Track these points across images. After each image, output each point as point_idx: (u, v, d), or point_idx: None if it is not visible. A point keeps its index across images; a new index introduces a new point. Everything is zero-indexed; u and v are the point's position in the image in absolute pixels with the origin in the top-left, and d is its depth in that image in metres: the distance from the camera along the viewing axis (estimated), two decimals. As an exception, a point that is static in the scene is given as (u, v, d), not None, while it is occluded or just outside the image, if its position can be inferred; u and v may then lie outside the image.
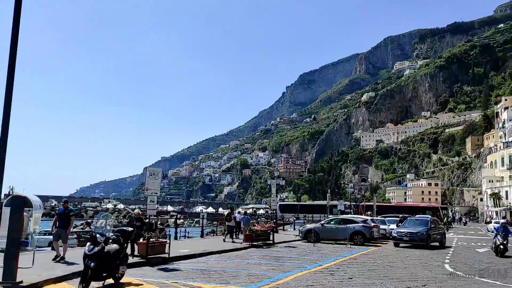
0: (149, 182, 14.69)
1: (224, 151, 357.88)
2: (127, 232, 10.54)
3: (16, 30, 8.83)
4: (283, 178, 43.25)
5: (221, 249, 17.68)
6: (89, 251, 9.17)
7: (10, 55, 8.78)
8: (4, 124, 8.53)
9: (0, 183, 8.38)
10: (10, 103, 8.65)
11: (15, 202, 9.17)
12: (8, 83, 8.68)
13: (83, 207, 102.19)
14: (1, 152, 8.42)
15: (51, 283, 9.55)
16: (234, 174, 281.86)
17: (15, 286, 8.58)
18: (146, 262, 13.14)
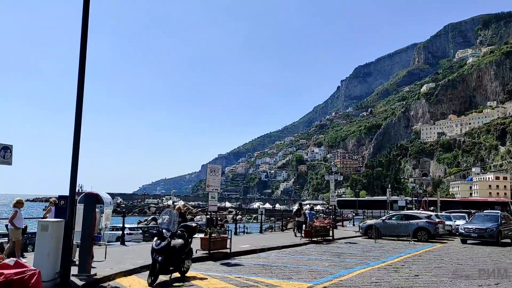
0: (209, 178, 15.02)
1: (279, 147, 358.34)
2: (192, 228, 10.85)
3: (84, 37, 9.31)
4: (340, 173, 42.63)
5: (281, 244, 17.73)
6: (156, 246, 9.54)
7: (80, 63, 9.25)
8: (76, 129, 9.03)
9: (74, 183, 8.91)
10: (81, 106, 9.15)
11: (87, 199, 9.71)
12: (79, 89, 9.18)
13: (146, 204, 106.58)
14: (74, 154, 8.93)
15: (122, 276, 10.04)
16: (290, 170, 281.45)
17: (90, 278, 9.10)
18: (209, 256, 13.46)
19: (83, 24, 9.24)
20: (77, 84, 9.15)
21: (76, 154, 8.95)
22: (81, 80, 9.17)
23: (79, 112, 9.10)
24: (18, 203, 11.55)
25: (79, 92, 9.13)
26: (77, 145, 8.98)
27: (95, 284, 8.98)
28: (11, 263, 5.41)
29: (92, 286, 8.80)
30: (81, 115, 9.12)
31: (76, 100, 9.10)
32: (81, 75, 9.17)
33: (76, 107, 9.09)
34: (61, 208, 9.31)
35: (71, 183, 8.85)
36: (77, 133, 9.01)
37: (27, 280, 5.16)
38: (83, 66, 9.20)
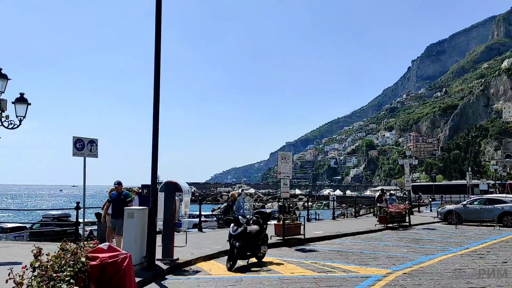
0: (281, 165, 15.11)
1: (348, 133, 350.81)
2: (266, 214, 11.02)
3: (158, 35, 9.69)
4: (415, 157, 40.75)
5: (355, 230, 17.46)
6: (233, 232, 9.82)
7: (155, 60, 9.66)
8: (154, 123, 9.46)
9: (155, 172, 9.37)
10: (158, 102, 9.56)
11: (167, 187, 10.20)
12: (156, 85, 9.59)
13: (218, 192, 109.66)
14: (154, 146, 9.38)
15: (202, 261, 10.47)
16: (360, 156, 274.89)
17: (173, 262, 9.59)
18: (283, 243, 13.61)
19: (157, 24, 9.56)
20: (154, 80, 9.54)
21: (156, 146, 9.39)
22: (157, 76, 9.56)
23: (157, 107, 9.48)
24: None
25: (155, 87, 9.52)
26: (156, 137, 9.41)
27: (178, 268, 9.45)
28: (105, 247, 5.82)
29: (175, 270, 9.27)
30: (158, 109, 9.49)
31: (154, 95, 9.50)
32: (157, 71, 9.55)
33: (154, 102, 9.48)
34: (144, 196, 9.85)
35: (152, 173, 9.31)
36: (156, 127, 9.42)
37: (120, 263, 5.53)
38: (158, 63, 9.58)
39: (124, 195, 10.93)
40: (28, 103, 11.40)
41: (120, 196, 10.87)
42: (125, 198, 10.87)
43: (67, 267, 4.30)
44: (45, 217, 23.12)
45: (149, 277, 8.24)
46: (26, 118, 11.42)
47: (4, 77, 10.94)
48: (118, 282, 5.49)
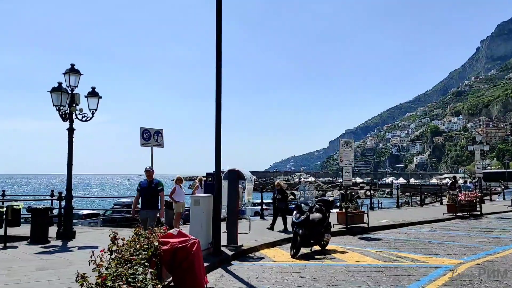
0: (342, 153, 14.87)
1: (411, 119, 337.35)
2: (329, 202, 10.91)
3: (219, 26, 9.80)
4: (486, 143, 38.33)
5: (422, 219, 16.84)
6: (296, 219, 9.83)
7: (217, 52, 9.80)
8: (217, 112, 9.63)
9: (218, 161, 9.56)
10: (220, 92, 9.70)
11: (231, 175, 10.39)
12: (217, 75, 9.73)
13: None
14: (217, 135, 9.56)
15: (266, 248, 10.59)
16: (424, 142, 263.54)
17: (238, 249, 9.78)
18: (346, 231, 13.43)
19: (217, 15, 9.66)
20: (215, 70, 9.68)
21: (219, 135, 9.56)
22: (219, 67, 9.68)
23: (219, 98, 9.61)
24: (178, 180, 12.99)
25: (217, 78, 9.66)
26: (219, 127, 9.57)
27: (243, 254, 9.64)
28: (175, 233, 6.05)
29: (240, 256, 9.46)
30: (220, 100, 9.61)
31: (216, 86, 9.64)
32: (218, 62, 9.68)
33: (216, 93, 9.62)
34: (209, 184, 10.10)
35: (216, 161, 9.52)
36: (218, 117, 9.58)
37: (189, 248, 5.73)
38: (219, 54, 9.69)
39: (156, 183, 9.50)
40: (99, 96, 12.02)
41: (151, 184, 9.44)
42: (156, 187, 9.45)
43: (142, 250, 4.51)
44: (116, 204, 24.41)
45: (215, 262, 8.47)
46: (97, 111, 12.07)
47: (77, 72, 11.60)
48: (187, 267, 5.70)
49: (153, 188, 9.39)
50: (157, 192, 9.40)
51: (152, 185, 9.42)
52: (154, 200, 9.36)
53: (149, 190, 9.40)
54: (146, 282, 3.46)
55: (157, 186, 9.44)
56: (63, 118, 11.42)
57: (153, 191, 9.39)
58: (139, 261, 4.02)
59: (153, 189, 9.39)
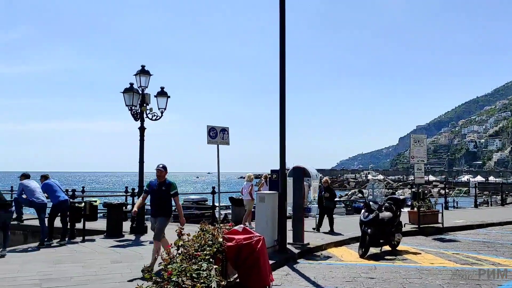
0: (414, 149, 14.15)
1: (490, 113, 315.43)
2: (399, 200, 10.42)
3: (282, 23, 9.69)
4: None
5: (504, 220, 15.59)
6: (364, 218, 9.48)
7: (280, 48, 9.69)
8: (281, 109, 9.54)
9: (283, 158, 9.47)
10: (284, 89, 9.60)
11: (296, 172, 10.26)
12: (281, 73, 9.63)
13: (345, 179, 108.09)
14: (282, 132, 9.47)
15: (333, 246, 10.34)
16: (504, 138, 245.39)
17: (304, 247, 9.63)
18: (418, 231, 12.77)
19: (281, 12, 9.57)
20: (279, 68, 9.57)
21: (283, 132, 9.47)
22: (282, 64, 9.57)
23: (283, 94, 9.52)
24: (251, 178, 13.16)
25: (281, 75, 9.55)
26: (283, 124, 9.48)
27: (309, 253, 9.47)
28: (240, 229, 6.05)
29: (306, 254, 9.30)
30: (284, 97, 9.53)
31: (280, 83, 9.56)
32: (282, 59, 9.57)
33: (280, 89, 9.54)
34: (274, 181, 10.04)
35: (281, 158, 9.43)
36: (282, 114, 9.48)
37: (254, 245, 5.69)
38: (283, 51, 9.58)
39: (167, 185, 7.56)
40: (167, 96, 12.42)
41: (161, 186, 7.54)
42: (168, 189, 7.52)
43: (206, 246, 4.53)
44: (185, 201, 25.18)
45: (281, 260, 8.39)
46: (166, 110, 12.47)
47: (147, 73, 12.06)
48: (252, 264, 5.67)
49: (164, 191, 7.50)
50: (168, 196, 7.55)
51: (162, 187, 7.51)
52: (164, 205, 7.53)
53: (158, 192, 7.52)
54: (210, 279, 3.44)
55: (169, 189, 7.52)
56: (134, 117, 11.93)
57: (163, 194, 7.52)
58: (204, 257, 4.03)
59: (163, 192, 7.50)
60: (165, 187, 7.51)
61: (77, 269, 7.40)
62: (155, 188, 7.54)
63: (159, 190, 7.50)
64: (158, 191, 7.50)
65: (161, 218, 7.44)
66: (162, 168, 7.59)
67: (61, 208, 10.32)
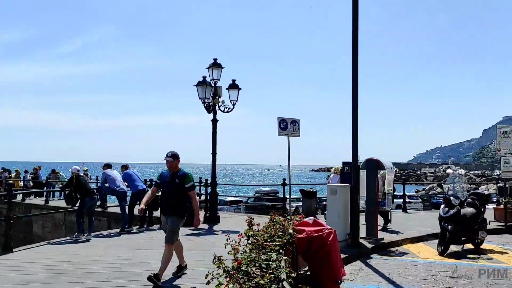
0: (500, 141, 13.07)
1: None
2: (483, 196, 9.69)
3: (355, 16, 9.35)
4: None
5: None
6: (444, 214, 8.94)
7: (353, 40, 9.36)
8: (354, 100, 9.23)
9: (356, 150, 9.18)
10: (357, 81, 9.26)
11: (369, 164, 9.90)
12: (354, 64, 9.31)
13: (422, 173, 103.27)
14: (354, 123, 9.17)
15: (409, 242, 9.87)
16: None
17: (378, 242, 9.29)
18: (505, 229, 11.80)
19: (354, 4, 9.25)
20: (352, 60, 9.26)
21: (356, 124, 9.17)
22: (355, 56, 9.25)
23: (356, 84, 9.21)
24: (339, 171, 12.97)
25: (354, 67, 9.24)
26: (356, 116, 9.18)
27: (383, 248, 9.12)
28: (310, 221, 5.95)
29: (380, 250, 8.97)
30: (357, 87, 9.22)
31: (352, 74, 9.25)
32: (355, 50, 9.24)
33: (352, 81, 9.23)
34: (346, 173, 9.77)
35: (353, 150, 9.16)
36: (355, 105, 9.18)
37: (325, 237, 5.56)
38: (356, 43, 9.24)
39: (181, 177, 6.23)
40: (239, 88, 12.56)
41: (174, 178, 6.24)
42: (183, 182, 6.20)
43: (276, 237, 4.49)
44: (257, 193, 25.51)
45: (354, 254, 8.17)
46: (238, 104, 12.60)
47: (219, 66, 12.27)
48: (323, 256, 5.54)
49: (177, 184, 6.19)
50: (182, 190, 6.20)
51: (176, 179, 6.21)
52: (178, 201, 6.18)
53: (171, 185, 6.23)
54: (279, 270, 3.38)
55: (183, 182, 6.20)
56: (207, 110, 12.21)
57: (176, 188, 6.19)
58: (273, 247, 3.98)
59: (177, 185, 6.19)
60: (179, 179, 6.17)
61: (154, 255, 7.72)
62: (167, 180, 6.28)
63: (171, 183, 6.21)
64: (170, 184, 6.21)
65: (173, 217, 6.11)
66: (171, 157, 6.18)
67: (140, 196, 10.85)
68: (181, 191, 6.22)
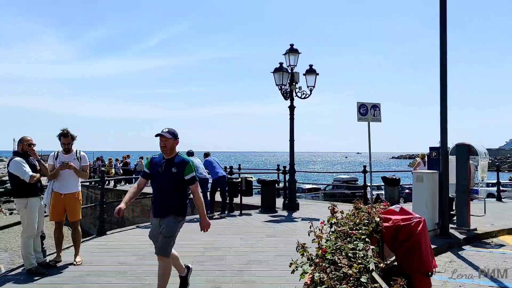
0: None
1: None
2: None
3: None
4: None
5: None
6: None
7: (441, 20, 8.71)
8: (442, 83, 8.59)
9: (445, 135, 8.55)
10: (445, 60, 8.62)
11: (459, 150, 9.19)
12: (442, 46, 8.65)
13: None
14: (443, 107, 8.55)
15: (506, 234, 9.08)
16: None
17: (470, 232, 8.63)
18: None
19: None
20: (440, 41, 8.62)
21: (444, 107, 8.55)
22: (443, 37, 8.59)
23: (444, 65, 8.57)
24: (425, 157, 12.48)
25: (442, 48, 8.58)
26: (445, 97, 8.55)
27: (476, 239, 8.47)
28: (397, 209, 5.63)
29: (473, 241, 8.33)
30: (445, 68, 8.58)
31: (440, 55, 8.61)
32: (443, 30, 8.58)
33: (440, 60, 8.58)
34: (433, 160, 9.18)
35: (442, 134, 8.54)
36: (443, 87, 8.54)
37: (413, 227, 5.23)
38: (444, 20, 8.59)
39: (180, 163, 4.51)
40: (316, 73, 12.28)
41: (170, 166, 4.49)
42: (181, 170, 4.48)
43: (362, 225, 4.29)
44: (335, 180, 25.07)
45: (443, 245, 7.67)
46: (315, 91, 12.34)
47: (296, 51, 12.07)
48: (411, 247, 5.22)
49: (174, 175, 4.45)
50: (181, 183, 4.49)
51: (172, 167, 4.46)
52: (174, 197, 4.47)
53: (165, 176, 4.47)
54: (367, 259, 3.20)
55: (183, 172, 4.46)
56: (284, 96, 12.09)
57: (172, 180, 4.46)
58: (359, 236, 3.79)
59: (173, 176, 4.45)
60: (176, 167, 4.43)
61: (236, 241, 7.85)
62: (159, 170, 4.48)
63: (166, 173, 4.44)
64: (165, 175, 4.44)
65: (169, 219, 4.41)
66: (168, 133, 4.44)
67: (220, 183, 11.10)
68: (179, 184, 4.46)
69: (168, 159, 4.53)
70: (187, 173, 4.49)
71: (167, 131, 4.50)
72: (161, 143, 4.51)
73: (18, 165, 5.52)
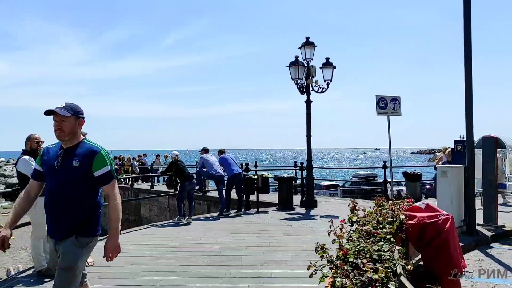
0: None
1: None
2: None
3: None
4: None
5: None
6: None
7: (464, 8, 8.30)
8: (466, 74, 8.19)
9: (470, 127, 8.14)
10: (470, 51, 8.21)
11: (486, 142, 8.77)
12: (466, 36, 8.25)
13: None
14: (468, 98, 8.14)
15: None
16: None
17: (498, 229, 8.22)
18: None
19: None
20: (464, 26, 8.21)
21: (470, 98, 8.13)
22: (468, 21, 8.17)
23: (469, 55, 8.16)
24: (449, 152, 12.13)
25: (466, 39, 8.17)
26: (470, 89, 8.14)
27: (505, 236, 8.06)
28: (422, 206, 5.30)
29: (502, 238, 7.94)
30: (470, 59, 8.16)
31: (464, 46, 8.19)
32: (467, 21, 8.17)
33: (465, 55, 8.19)
34: (458, 154, 8.77)
35: (467, 125, 8.12)
36: (468, 78, 8.13)
37: (441, 224, 4.89)
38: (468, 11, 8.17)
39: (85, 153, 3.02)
40: (333, 66, 11.92)
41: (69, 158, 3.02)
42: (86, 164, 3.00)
43: (386, 224, 3.98)
44: (354, 177, 24.60)
45: (470, 243, 7.29)
46: (332, 86, 11.96)
47: (312, 44, 11.74)
48: (439, 246, 4.88)
49: (76, 171, 2.99)
50: (87, 184, 3.05)
51: (72, 159, 3.01)
52: (76, 206, 3.01)
53: (61, 173, 3.00)
54: (394, 262, 2.91)
55: (89, 165, 3.03)
56: (300, 91, 11.78)
57: (72, 179, 3.00)
58: (384, 235, 3.50)
59: (74, 172, 2.99)
60: (79, 159, 3.02)
61: (252, 239, 7.60)
62: (55, 165, 3.05)
63: (63, 168, 3.03)
64: (63, 171, 3.02)
65: (67, 242, 3.03)
66: (64, 109, 3.03)
67: (236, 180, 10.86)
68: (84, 185, 3.04)
69: (67, 148, 3.07)
70: (98, 167, 3.02)
71: (63, 106, 3.03)
72: (55, 125, 3.03)
73: (27, 164, 5.36)
